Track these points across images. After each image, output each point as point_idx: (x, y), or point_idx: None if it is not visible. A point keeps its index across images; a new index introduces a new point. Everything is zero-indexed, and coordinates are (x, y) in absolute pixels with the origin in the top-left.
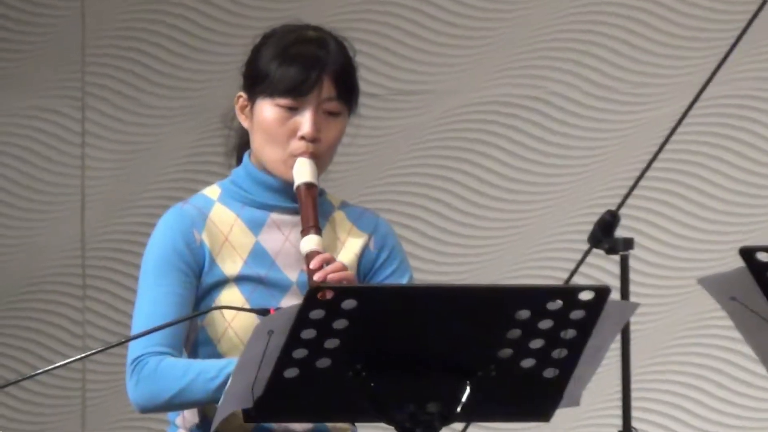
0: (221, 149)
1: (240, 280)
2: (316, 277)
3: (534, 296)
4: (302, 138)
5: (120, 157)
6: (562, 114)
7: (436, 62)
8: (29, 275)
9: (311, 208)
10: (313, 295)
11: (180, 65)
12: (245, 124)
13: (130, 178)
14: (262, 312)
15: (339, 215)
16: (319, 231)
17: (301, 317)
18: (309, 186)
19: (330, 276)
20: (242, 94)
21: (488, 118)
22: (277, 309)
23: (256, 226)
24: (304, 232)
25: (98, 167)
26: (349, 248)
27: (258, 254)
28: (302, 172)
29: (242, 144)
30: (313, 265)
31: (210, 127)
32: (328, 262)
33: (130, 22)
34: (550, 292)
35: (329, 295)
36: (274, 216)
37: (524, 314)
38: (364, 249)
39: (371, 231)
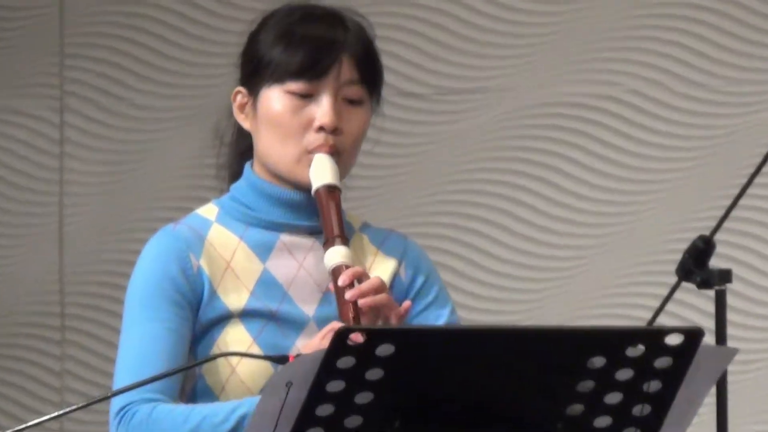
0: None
1: (246, 315)
2: (348, 295)
3: (610, 340)
4: (320, 129)
5: (105, 170)
6: (643, 117)
7: (490, 55)
8: None
9: (335, 214)
10: (341, 338)
11: (178, 57)
12: (246, 125)
13: (117, 196)
14: (279, 360)
15: (361, 238)
16: (346, 241)
17: (327, 366)
18: (330, 189)
19: (364, 302)
20: (240, 88)
21: (552, 123)
22: (297, 356)
23: (263, 251)
24: (328, 244)
25: (79, 182)
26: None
27: (267, 284)
28: (321, 171)
29: (239, 159)
30: (341, 281)
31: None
32: (360, 278)
33: (118, 5)
34: (630, 336)
35: (361, 338)
36: (285, 238)
37: (598, 362)
38: (394, 277)
39: (400, 255)
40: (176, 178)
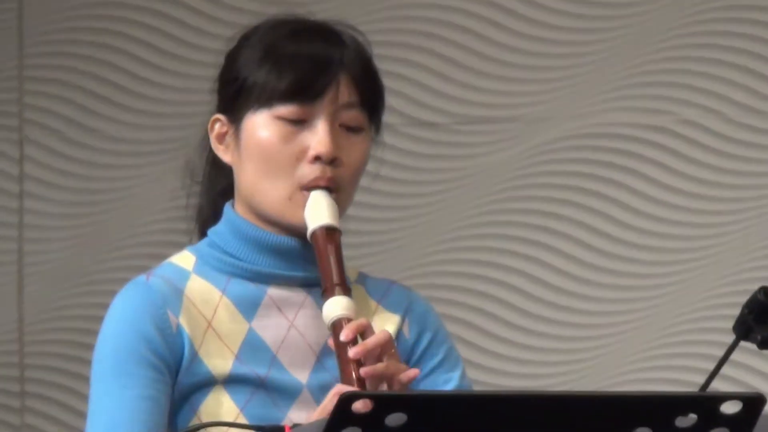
0: None
1: (232, 382)
2: (351, 353)
3: (657, 408)
4: (316, 159)
5: (72, 212)
6: (696, 151)
7: (520, 79)
8: None
9: (335, 259)
10: (344, 406)
11: (158, 81)
12: (226, 158)
13: (85, 242)
14: (272, 431)
15: (358, 291)
16: (347, 290)
17: None
18: (330, 230)
19: (366, 371)
20: (219, 116)
21: (592, 157)
22: (294, 426)
23: (248, 307)
24: (327, 293)
25: (42, 226)
26: None
27: (253, 346)
28: (318, 210)
29: (215, 198)
30: (343, 336)
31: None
32: (365, 333)
33: (86, 20)
34: (681, 403)
35: (367, 406)
36: (273, 291)
37: None
38: (397, 336)
39: (404, 310)
40: (154, 222)
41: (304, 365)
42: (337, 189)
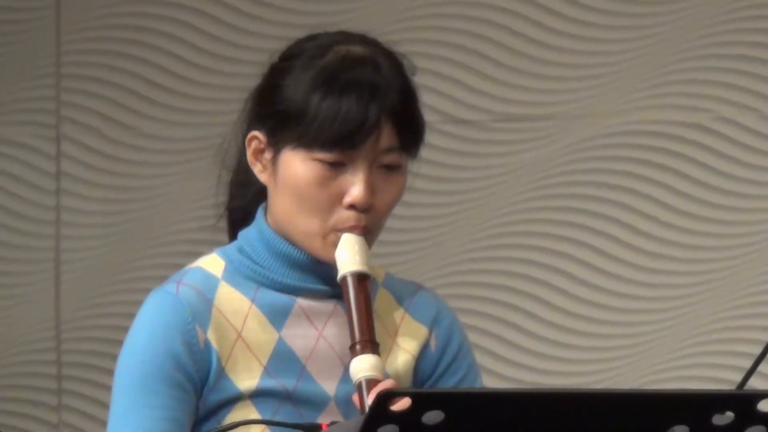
0: None
1: (258, 396)
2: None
3: (694, 406)
4: (351, 207)
5: (109, 209)
6: (736, 149)
7: (556, 76)
8: None
9: (365, 312)
10: (382, 404)
11: (193, 78)
12: (262, 176)
13: (123, 240)
14: (310, 429)
15: (385, 296)
16: (376, 347)
17: None
18: (361, 278)
19: None
20: (258, 134)
21: (629, 154)
22: (332, 424)
23: (278, 317)
24: (357, 350)
25: (78, 223)
26: (406, 348)
27: (282, 357)
28: (350, 256)
29: (250, 199)
30: (371, 401)
31: None
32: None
33: (123, 18)
34: (718, 401)
35: (405, 404)
36: (303, 302)
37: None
38: (424, 348)
39: (431, 322)
40: (189, 219)
41: (331, 376)
42: (369, 231)
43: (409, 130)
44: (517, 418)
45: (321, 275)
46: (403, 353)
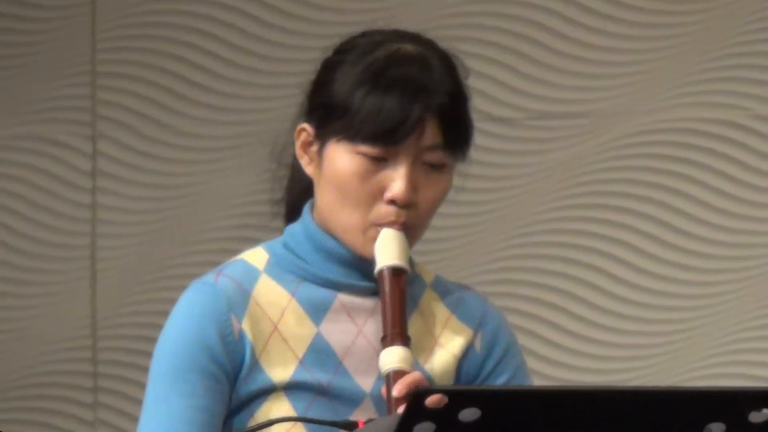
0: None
1: (292, 388)
2: (396, 392)
3: (731, 403)
4: (391, 202)
5: (145, 208)
6: None
7: (592, 74)
8: (18, 375)
9: (399, 304)
10: (419, 401)
11: (230, 77)
12: (308, 168)
13: (157, 239)
14: (346, 426)
15: (431, 298)
16: (406, 340)
17: None
18: (397, 272)
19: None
20: (306, 126)
21: (665, 152)
22: (368, 422)
23: (317, 311)
24: (387, 342)
25: (115, 221)
26: (448, 348)
27: (319, 351)
28: (388, 250)
29: (299, 194)
30: (396, 392)
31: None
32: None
33: (158, 15)
34: (754, 398)
35: (442, 401)
36: (344, 298)
37: (717, 429)
38: (468, 349)
39: (477, 324)
40: (226, 217)
41: (368, 372)
42: (409, 228)
43: (454, 129)
44: (552, 415)
45: (364, 271)
46: (445, 353)
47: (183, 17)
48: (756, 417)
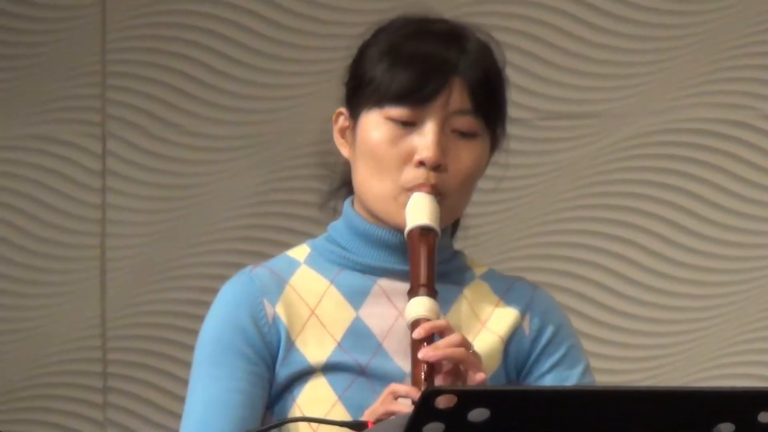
0: (297, 196)
1: (330, 369)
2: (422, 354)
3: (741, 403)
4: (421, 164)
5: (155, 207)
6: None
7: (602, 74)
8: (28, 376)
9: (425, 260)
10: (428, 401)
11: (239, 77)
12: (345, 152)
13: (169, 238)
14: (356, 426)
15: (480, 286)
16: (433, 292)
17: None
18: (425, 231)
19: (435, 354)
20: (342, 110)
21: (673, 152)
22: (378, 421)
23: (356, 296)
24: (412, 293)
25: (124, 221)
26: (493, 329)
27: (358, 334)
28: (417, 211)
29: (347, 191)
30: (416, 334)
31: (282, 165)
32: (442, 333)
33: (168, 16)
34: (764, 398)
35: (451, 401)
36: (384, 283)
37: (727, 429)
38: (515, 331)
39: (524, 306)
40: (236, 217)
41: (408, 354)
42: (442, 194)
43: (484, 94)
44: (561, 415)
45: (404, 255)
46: (490, 334)
47: (192, 17)
48: (765, 417)
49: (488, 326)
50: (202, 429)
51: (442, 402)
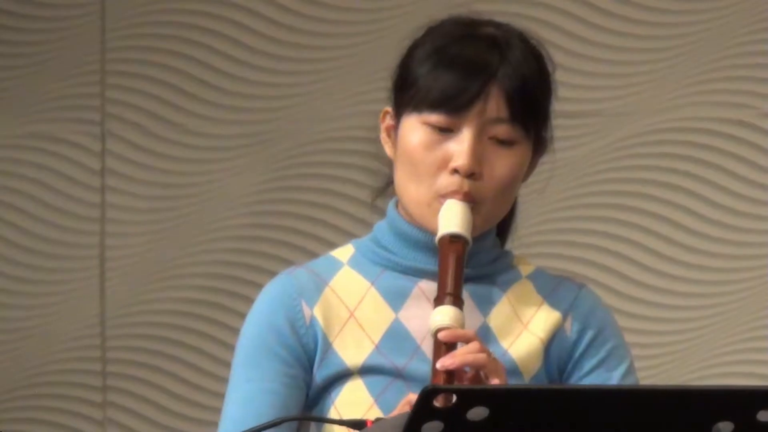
0: (297, 195)
1: (367, 371)
2: (440, 363)
3: (740, 402)
4: (455, 171)
5: (154, 207)
6: None
7: (603, 73)
8: (27, 375)
9: (453, 268)
10: (427, 400)
11: (239, 75)
12: (389, 151)
13: (168, 237)
14: (356, 425)
15: (525, 286)
16: (459, 301)
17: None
18: (454, 238)
19: (452, 362)
20: (388, 109)
21: (674, 151)
22: (377, 420)
23: (396, 298)
24: (438, 301)
25: (123, 220)
26: (534, 331)
27: (396, 336)
28: (449, 218)
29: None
30: (437, 342)
31: (282, 164)
32: (467, 341)
33: (168, 14)
34: (763, 397)
35: (450, 400)
36: (424, 285)
37: (726, 428)
38: (556, 332)
39: (568, 307)
40: (235, 216)
41: None
42: (476, 201)
43: (522, 102)
44: (560, 414)
45: None
46: (531, 336)
47: (192, 16)
48: (764, 416)
49: (529, 328)
50: (235, 429)
51: (441, 401)
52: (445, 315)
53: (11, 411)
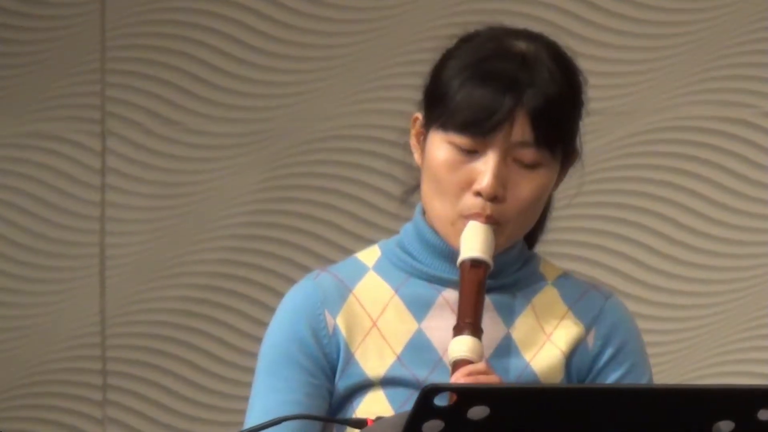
0: (298, 194)
1: (388, 383)
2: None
3: (740, 401)
4: (478, 194)
5: (155, 205)
6: None
7: (603, 72)
8: (27, 373)
9: (474, 295)
10: (427, 399)
11: (239, 74)
12: (417, 157)
13: (169, 236)
14: (356, 424)
15: (550, 294)
16: (478, 331)
17: (412, 431)
18: (476, 264)
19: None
20: (419, 116)
21: (674, 150)
22: (377, 419)
23: (420, 307)
24: (457, 329)
25: (124, 219)
26: (556, 343)
27: (419, 347)
28: (470, 241)
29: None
30: (453, 379)
31: (283, 163)
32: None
33: (168, 13)
34: (764, 396)
35: (451, 399)
36: (449, 294)
37: (726, 427)
38: (578, 345)
39: (591, 320)
40: (236, 215)
41: None
42: (498, 224)
43: (547, 128)
44: (560, 413)
45: None
46: (553, 348)
47: (192, 15)
48: (765, 415)
49: (552, 339)
50: None
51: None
52: (463, 345)
53: (11, 409)
